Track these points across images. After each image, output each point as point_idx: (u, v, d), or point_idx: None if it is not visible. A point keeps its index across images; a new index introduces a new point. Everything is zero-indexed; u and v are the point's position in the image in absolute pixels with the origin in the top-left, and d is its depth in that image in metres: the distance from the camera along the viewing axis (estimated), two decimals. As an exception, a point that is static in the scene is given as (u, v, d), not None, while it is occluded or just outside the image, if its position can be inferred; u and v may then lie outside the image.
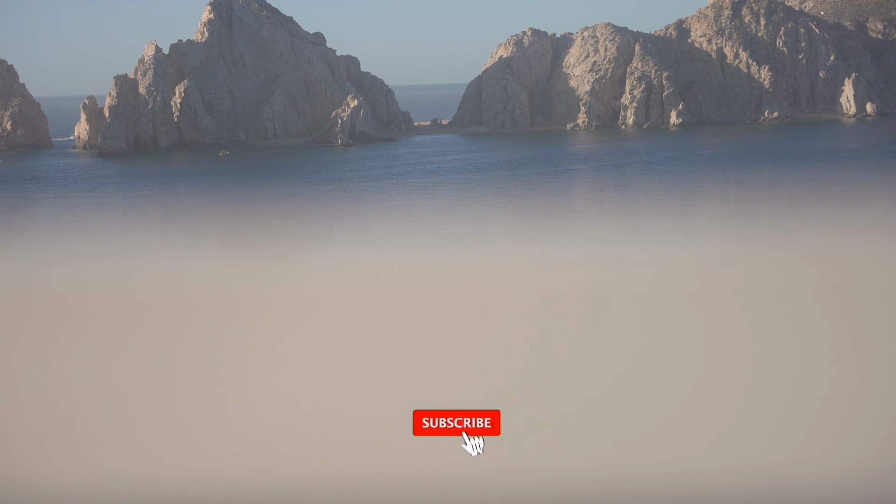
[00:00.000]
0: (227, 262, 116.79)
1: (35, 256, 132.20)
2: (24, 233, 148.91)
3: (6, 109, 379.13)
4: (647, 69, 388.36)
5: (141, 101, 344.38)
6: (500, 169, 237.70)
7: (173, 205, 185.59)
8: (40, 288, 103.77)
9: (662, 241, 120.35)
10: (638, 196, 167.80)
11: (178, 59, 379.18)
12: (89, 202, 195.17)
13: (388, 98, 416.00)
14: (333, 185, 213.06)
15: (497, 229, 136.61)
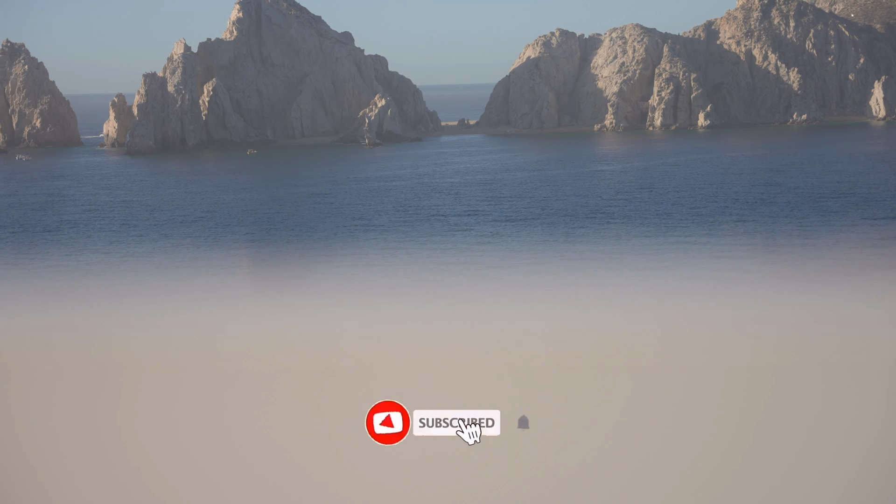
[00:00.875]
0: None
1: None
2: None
3: (36, 107, 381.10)
4: (675, 70, 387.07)
5: (169, 100, 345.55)
6: (528, 169, 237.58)
7: (199, 206, 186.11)
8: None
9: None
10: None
11: (207, 57, 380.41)
12: (117, 200, 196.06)
13: (415, 98, 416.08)
14: (360, 184, 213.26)
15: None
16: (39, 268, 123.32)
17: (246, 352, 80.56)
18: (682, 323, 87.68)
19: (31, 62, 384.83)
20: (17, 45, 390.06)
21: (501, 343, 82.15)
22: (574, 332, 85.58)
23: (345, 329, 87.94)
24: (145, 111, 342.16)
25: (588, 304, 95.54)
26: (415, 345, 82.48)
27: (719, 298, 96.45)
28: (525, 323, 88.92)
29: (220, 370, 75.65)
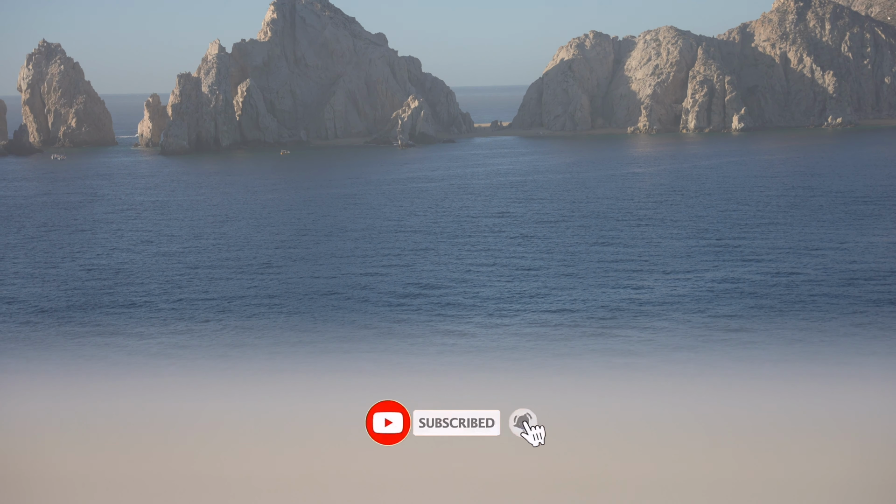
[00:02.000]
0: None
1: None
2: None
3: (71, 107, 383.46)
4: (709, 73, 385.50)
5: (203, 100, 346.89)
6: (560, 171, 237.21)
7: (232, 207, 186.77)
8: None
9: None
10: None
11: (241, 58, 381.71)
12: (150, 200, 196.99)
13: (448, 99, 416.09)
14: (392, 185, 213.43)
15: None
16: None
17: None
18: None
19: (66, 62, 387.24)
20: (53, 45, 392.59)
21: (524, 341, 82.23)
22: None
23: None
24: (179, 111, 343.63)
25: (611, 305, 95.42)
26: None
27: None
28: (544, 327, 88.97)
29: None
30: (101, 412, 68.61)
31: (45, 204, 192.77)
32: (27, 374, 78.06)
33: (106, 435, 63.91)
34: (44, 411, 68.38)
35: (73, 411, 68.66)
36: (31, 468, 58.51)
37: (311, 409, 67.07)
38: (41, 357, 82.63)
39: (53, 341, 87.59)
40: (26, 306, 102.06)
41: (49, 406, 69.85)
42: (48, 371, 78.85)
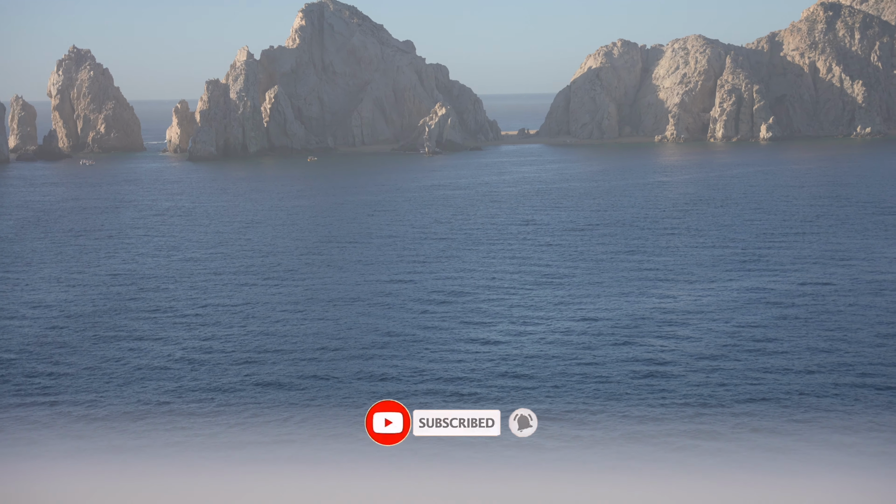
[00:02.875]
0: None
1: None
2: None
3: (100, 112, 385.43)
4: (737, 82, 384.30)
5: (231, 106, 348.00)
6: (587, 179, 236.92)
7: (258, 213, 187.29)
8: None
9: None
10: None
11: (270, 64, 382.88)
12: (178, 206, 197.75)
13: (476, 107, 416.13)
14: (419, 193, 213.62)
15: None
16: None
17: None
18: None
19: (96, 68, 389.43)
20: (83, 51, 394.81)
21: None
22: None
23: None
24: (207, 118, 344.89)
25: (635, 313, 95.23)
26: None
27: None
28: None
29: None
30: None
31: (73, 209, 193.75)
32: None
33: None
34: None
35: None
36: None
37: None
38: (67, 362, 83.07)
39: (79, 345, 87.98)
40: (53, 311, 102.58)
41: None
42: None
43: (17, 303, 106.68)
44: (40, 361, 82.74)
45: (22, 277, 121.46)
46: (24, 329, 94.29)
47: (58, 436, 65.74)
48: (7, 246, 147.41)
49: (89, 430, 66.58)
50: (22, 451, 63.16)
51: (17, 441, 64.92)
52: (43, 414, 69.75)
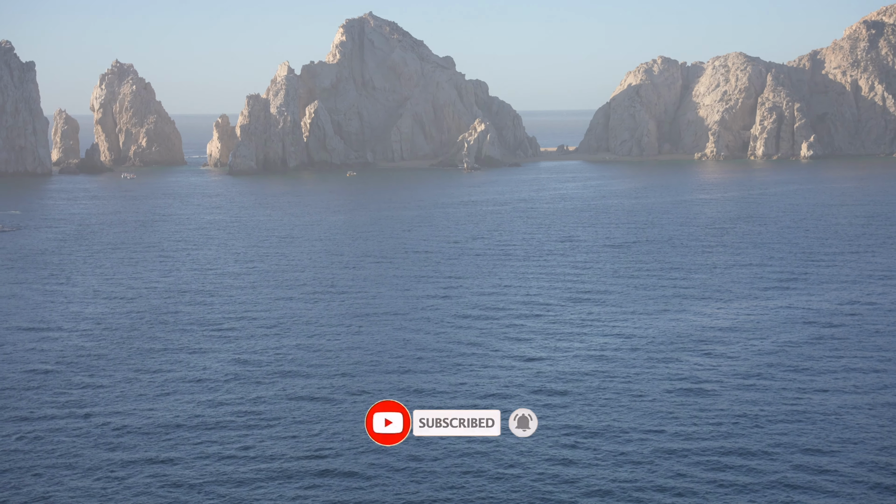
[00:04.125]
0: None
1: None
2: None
3: (142, 126, 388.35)
4: (778, 100, 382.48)
5: (272, 121, 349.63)
6: (626, 196, 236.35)
7: (296, 228, 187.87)
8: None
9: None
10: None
11: (310, 80, 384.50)
12: (218, 219, 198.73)
13: (515, 123, 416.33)
14: (457, 208, 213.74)
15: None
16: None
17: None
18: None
19: (138, 82, 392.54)
20: (125, 65, 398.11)
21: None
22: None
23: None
24: (248, 132, 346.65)
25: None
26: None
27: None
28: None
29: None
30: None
31: (113, 222, 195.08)
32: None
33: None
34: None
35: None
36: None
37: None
38: (103, 372, 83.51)
39: (116, 355, 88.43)
40: (91, 323, 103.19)
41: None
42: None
43: (56, 315, 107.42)
44: (78, 373, 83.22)
45: (62, 289, 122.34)
46: (63, 341, 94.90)
47: (91, 445, 66.06)
48: (48, 258, 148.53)
49: (124, 440, 66.87)
50: (58, 462, 63.52)
51: (54, 450, 65.31)
52: (79, 425, 70.13)
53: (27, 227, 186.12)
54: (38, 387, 79.20)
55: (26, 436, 68.01)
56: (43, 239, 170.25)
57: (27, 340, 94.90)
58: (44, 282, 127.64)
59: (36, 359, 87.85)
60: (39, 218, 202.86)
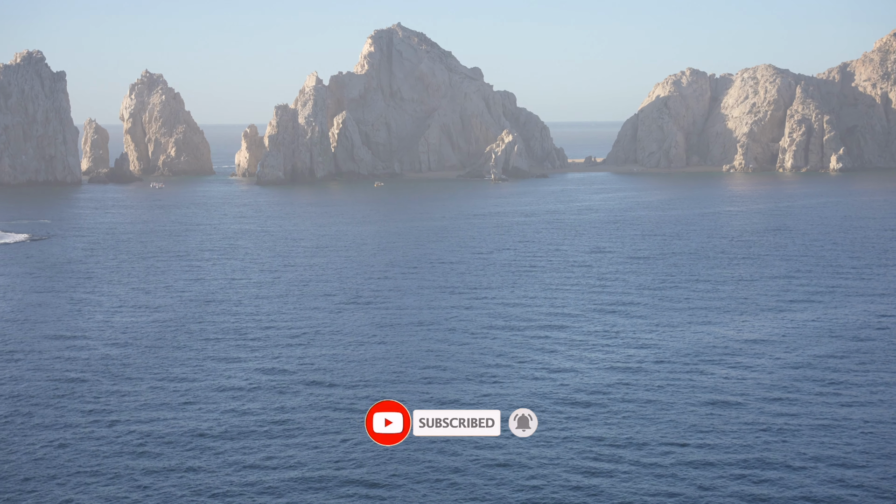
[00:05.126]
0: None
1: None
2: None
3: (171, 136, 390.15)
4: (807, 112, 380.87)
5: (300, 131, 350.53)
6: (654, 208, 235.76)
7: (323, 238, 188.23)
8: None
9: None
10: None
11: (338, 90, 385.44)
12: (245, 229, 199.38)
13: (542, 134, 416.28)
14: (483, 219, 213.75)
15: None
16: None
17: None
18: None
19: (168, 92, 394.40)
20: (155, 75, 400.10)
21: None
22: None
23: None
24: (276, 142, 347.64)
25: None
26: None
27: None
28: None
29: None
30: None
31: (142, 231, 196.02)
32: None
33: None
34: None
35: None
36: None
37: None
38: (128, 383, 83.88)
39: (142, 364, 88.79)
40: (119, 331, 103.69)
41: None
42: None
43: (83, 324, 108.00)
44: (104, 381, 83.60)
45: (90, 298, 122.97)
46: (90, 350, 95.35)
47: (115, 453, 66.33)
48: (76, 267, 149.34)
49: (149, 449, 67.10)
50: (82, 469, 63.80)
51: (79, 455, 65.62)
52: (104, 433, 70.43)
53: (56, 236, 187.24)
54: (64, 395, 79.62)
55: (52, 443, 68.36)
56: (71, 248, 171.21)
57: (55, 349, 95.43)
58: (72, 290, 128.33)
59: (63, 367, 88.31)
60: (68, 227, 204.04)
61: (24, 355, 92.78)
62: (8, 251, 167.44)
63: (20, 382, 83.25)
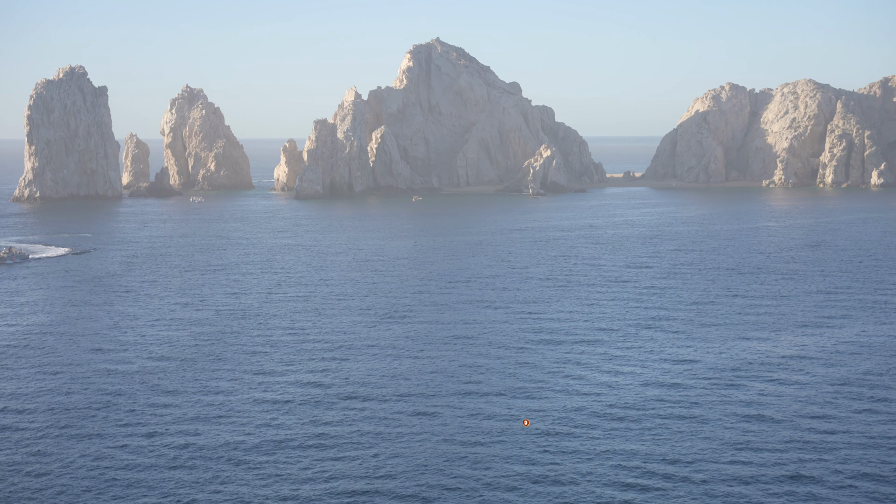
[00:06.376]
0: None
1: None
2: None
3: (211, 150, 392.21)
4: (848, 127, 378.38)
5: (338, 146, 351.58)
6: (692, 223, 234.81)
7: (361, 253, 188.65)
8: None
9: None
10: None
11: (377, 105, 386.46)
12: (283, 243, 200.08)
13: (581, 149, 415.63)
14: (521, 234, 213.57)
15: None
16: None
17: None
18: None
19: (208, 107, 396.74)
20: (195, 90, 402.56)
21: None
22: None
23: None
24: (315, 157, 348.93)
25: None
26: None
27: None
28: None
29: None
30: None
31: (181, 245, 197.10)
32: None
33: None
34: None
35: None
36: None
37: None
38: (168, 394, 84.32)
39: (181, 376, 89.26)
40: (157, 345, 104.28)
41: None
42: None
43: (123, 336, 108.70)
44: (143, 393, 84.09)
45: (129, 311, 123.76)
46: (129, 362, 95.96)
47: (151, 466, 66.67)
48: (117, 280, 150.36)
49: (186, 460, 67.42)
50: (118, 478, 64.18)
51: (115, 467, 66.01)
52: (141, 443, 70.83)
53: (97, 250, 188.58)
54: (102, 407, 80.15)
55: (88, 455, 68.79)
56: (112, 262, 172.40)
57: (94, 361, 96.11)
58: (111, 304, 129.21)
59: (101, 380, 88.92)
60: (109, 241, 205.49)
61: (64, 368, 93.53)
62: (49, 264, 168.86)
63: (59, 394, 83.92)
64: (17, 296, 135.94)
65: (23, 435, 73.30)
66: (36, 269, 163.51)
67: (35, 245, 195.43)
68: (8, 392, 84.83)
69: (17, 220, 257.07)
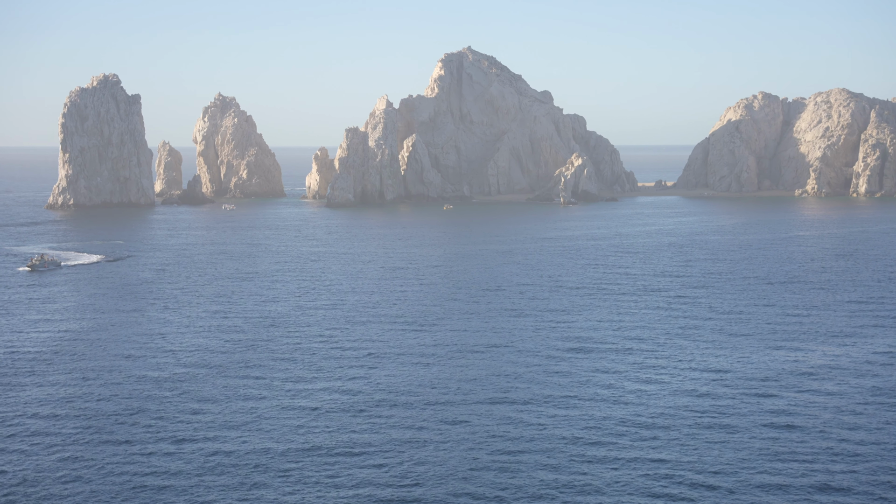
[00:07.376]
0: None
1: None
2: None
3: (243, 158, 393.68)
4: (882, 136, 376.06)
5: (370, 154, 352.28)
6: (724, 233, 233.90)
7: (391, 261, 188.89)
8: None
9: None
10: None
11: (408, 113, 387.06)
12: (314, 251, 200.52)
13: (612, 158, 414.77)
14: (552, 242, 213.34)
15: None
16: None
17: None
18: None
19: (240, 115, 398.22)
20: (228, 98, 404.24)
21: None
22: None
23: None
24: (346, 165, 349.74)
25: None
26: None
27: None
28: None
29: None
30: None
31: (212, 252, 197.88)
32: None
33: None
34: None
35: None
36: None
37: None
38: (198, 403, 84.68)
39: (211, 382, 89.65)
40: (187, 352, 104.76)
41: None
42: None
43: (155, 342, 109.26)
44: (172, 400, 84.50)
45: (162, 317, 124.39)
46: (161, 368, 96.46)
47: (180, 471, 66.97)
48: (149, 287, 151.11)
49: (215, 466, 67.70)
50: (148, 483, 64.55)
51: (145, 472, 66.38)
52: (170, 449, 71.17)
53: (130, 257, 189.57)
54: (134, 412, 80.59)
55: (119, 460, 69.18)
56: (144, 269, 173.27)
57: (126, 367, 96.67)
58: (144, 311, 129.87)
59: (133, 385, 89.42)
60: (142, 248, 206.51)
61: (97, 374, 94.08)
62: (83, 272, 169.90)
63: (89, 401, 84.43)
64: (50, 303, 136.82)
65: (53, 440, 73.79)
66: (69, 275, 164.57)
67: (69, 252, 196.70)
68: (39, 398, 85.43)
69: (51, 227, 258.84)
